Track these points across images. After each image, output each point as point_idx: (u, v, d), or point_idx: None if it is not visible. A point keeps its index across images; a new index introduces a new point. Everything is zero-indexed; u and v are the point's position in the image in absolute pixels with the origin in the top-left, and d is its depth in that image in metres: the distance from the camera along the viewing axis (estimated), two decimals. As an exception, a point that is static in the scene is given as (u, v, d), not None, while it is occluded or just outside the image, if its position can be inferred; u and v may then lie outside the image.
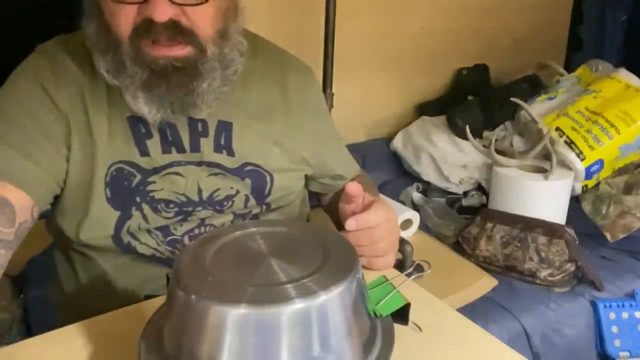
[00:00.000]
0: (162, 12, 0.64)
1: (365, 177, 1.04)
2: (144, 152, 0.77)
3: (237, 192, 0.82)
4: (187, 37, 0.68)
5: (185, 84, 0.70)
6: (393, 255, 0.75)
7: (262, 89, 0.84)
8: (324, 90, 1.66)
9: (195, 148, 0.79)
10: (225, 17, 0.72)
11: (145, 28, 0.66)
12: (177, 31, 0.67)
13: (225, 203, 0.82)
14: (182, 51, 0.68)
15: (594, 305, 1.33)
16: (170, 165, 0.78)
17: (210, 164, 0.80)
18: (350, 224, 0.69)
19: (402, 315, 0.62)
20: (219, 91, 0.74)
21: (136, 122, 0.77)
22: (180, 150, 0.78)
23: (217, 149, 0.80)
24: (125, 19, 0.66)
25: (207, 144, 0.79)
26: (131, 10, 0.66)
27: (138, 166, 0.77)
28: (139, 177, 0.77)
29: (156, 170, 0.78)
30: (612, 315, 1.32)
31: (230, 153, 0.81)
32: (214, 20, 0.70)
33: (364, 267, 0.71)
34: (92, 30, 0.71)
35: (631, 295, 1.36)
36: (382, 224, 0.71)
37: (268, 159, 0.84)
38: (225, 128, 0.80)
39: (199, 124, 0.79)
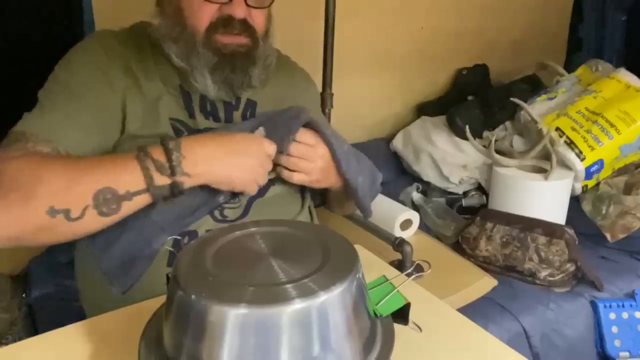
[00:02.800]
0: (241, 11, 0.87)
1: None
2: (192, 115, 0.94)
3: None
4: (250, 31, 0.90)
5: (245, 67, 0.91)
6: (304, 177, 0.91)
7: (276, 83, 1.03)
8: (324, 91, 1.66)
9: (229, 119, 0.97)
10: (268, 21, 0.95)
11: (224, 23, 0.87)
12: (246, 27, 0.89)
13: None
14: (245, 40, 0.90)
15: (593, 305, 1.32)
16: (210, 129, 0.94)
17: None
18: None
19: (402, 315, 0.62)
20: (261, 78, 0.94)
21: (185, 90, 0.93)
22: (217, 119, 0.96)
23: (244, 119, 0.99)
24: (206, 15, 0.87)
25: (237, 115, 0.99)
26: (213, 8, 0.86)
27: (187, 125, 0.93)
28: (186, 134, 0.91)
29: (199, 132, 0.92)
30: (612, 315, 1.32)
31: None
32: (265, 21, 0.93)
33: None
34: (165, 24, 0.90)
35: (631, 295, 1.36)
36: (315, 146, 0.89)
37: None
38: (251, 105, 1.00)
39: (234, 100, 0.97)
